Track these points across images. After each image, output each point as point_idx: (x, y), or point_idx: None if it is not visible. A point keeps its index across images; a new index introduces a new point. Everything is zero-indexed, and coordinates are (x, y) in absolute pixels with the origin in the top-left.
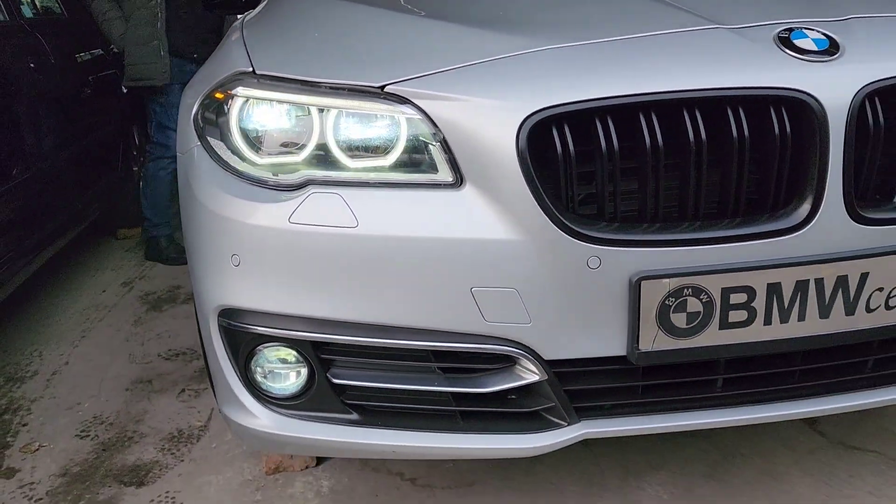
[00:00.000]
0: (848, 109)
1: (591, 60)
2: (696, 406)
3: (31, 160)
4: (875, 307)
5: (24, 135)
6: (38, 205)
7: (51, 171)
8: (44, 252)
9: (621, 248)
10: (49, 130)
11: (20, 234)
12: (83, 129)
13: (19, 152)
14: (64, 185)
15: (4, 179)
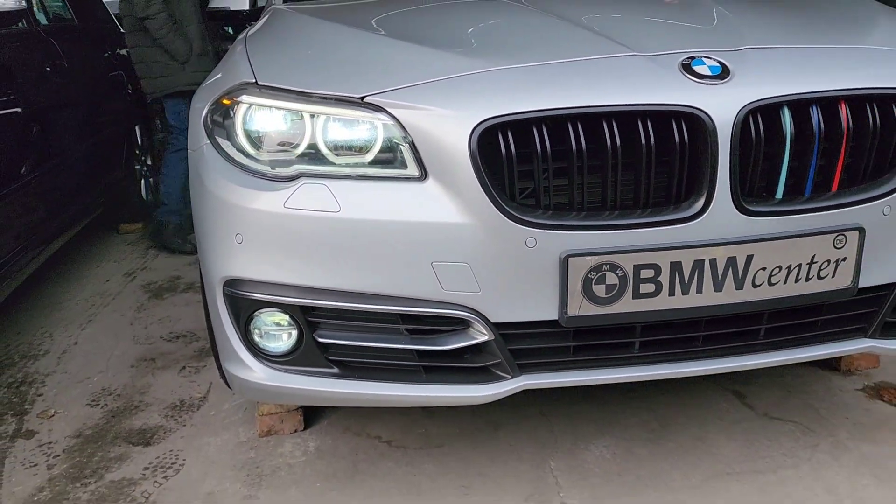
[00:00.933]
0: (732, 124)
1: (530, 79)
2: (617, 364)
3: (43, 158)
4: (760, 283)
5: (39, 134)
6: (47, 200)
7: (60, 168)
8: (52, 244)
9: (553, 231)
10: (60, 130)
11: (31, 227)
12: (90, 129)
13: (33, 151)
14: (71, 181)
15: (17, 177)
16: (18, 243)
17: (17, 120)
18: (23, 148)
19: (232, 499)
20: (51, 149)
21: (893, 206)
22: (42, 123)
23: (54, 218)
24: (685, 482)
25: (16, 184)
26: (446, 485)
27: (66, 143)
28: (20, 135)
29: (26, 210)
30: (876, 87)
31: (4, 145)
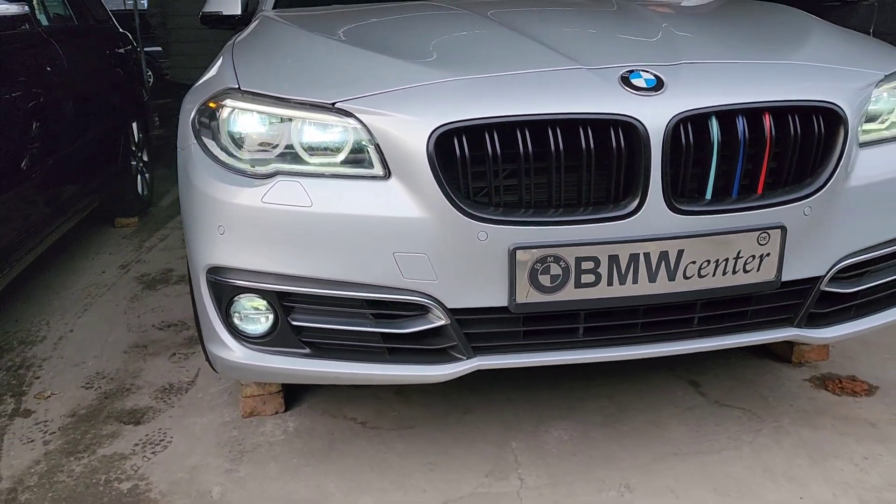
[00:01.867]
0: (663, 131)
1: (483, 89)
2: (563, 347)
3: (43, 154)
4: (690, 275)
5: (39, 130)
6: (46, 194)
7: (58, 163)
8: (50, 236)
9: (502, 226)
10: (59, 128)
11: (30, 219)
12: (88, 126)
13: (34, 147)
14: (70, 176)
15: (18, 173)
16: (18, 234)
17: (18, 117)
18: (24, 144)
19: (215, 472)
20: (50, 145)
21: (814, 207)
22: (42, 120)
23: (53, 211)
24: (634, 462)
25: (17, 178)
26: (414, 462)
27: (65, 139)
28: (21, 131)
29: (26, 203)
30: (797, 99)
31: (6, 141)
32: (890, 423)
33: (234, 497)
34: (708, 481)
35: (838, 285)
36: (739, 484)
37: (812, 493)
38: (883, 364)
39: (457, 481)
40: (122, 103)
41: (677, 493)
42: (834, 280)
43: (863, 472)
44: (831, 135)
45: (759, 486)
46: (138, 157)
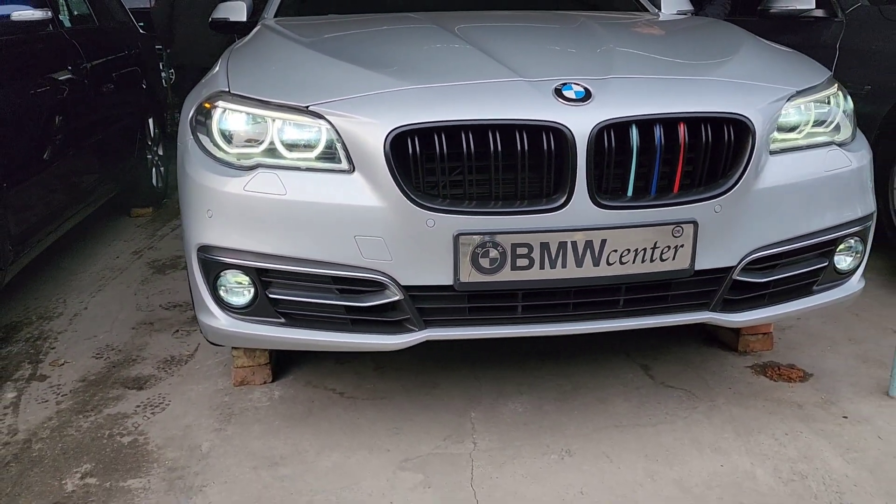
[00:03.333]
0: (587, 137)
1: (435, 96)
2: (504, 322)
3: (62, 147)
4: (613, 262)
5: (58, 126)
6: (66, 183)
7: (79, 156)
8: (68, 221)
9: (448, 215)
10: (80, 122)
11: (51, 205)
12: (107, 121)
13: (53, 140)
14: (88, 167)
15: (41, 163)
16: (39, 219)
17: (42, 111)
18: (47, 136)
19: (205, 430)
20: (71, 137)
21: (724, 205)
22: (64, 114)
23: (71, 198)
24: (578, 431)
25: (40, 167)
26: (382, 426)
27: (85, 133)
28: (45, 123)
29: (47, 191)
30: (709, 111)
31: (31, 133)
32: (816, 406)
33: (220, 451)
34: (641, 449)
35: (751, 275)
36: (668, 452)
37: (732, 461)
38: (822, 354)
39: (417, 443)
40: (139, 100)
41: (612, 458)
42: (746, 270)
43: (781, 445)
44: (741, 143)
45: (686, 454)
46: (154, 151)
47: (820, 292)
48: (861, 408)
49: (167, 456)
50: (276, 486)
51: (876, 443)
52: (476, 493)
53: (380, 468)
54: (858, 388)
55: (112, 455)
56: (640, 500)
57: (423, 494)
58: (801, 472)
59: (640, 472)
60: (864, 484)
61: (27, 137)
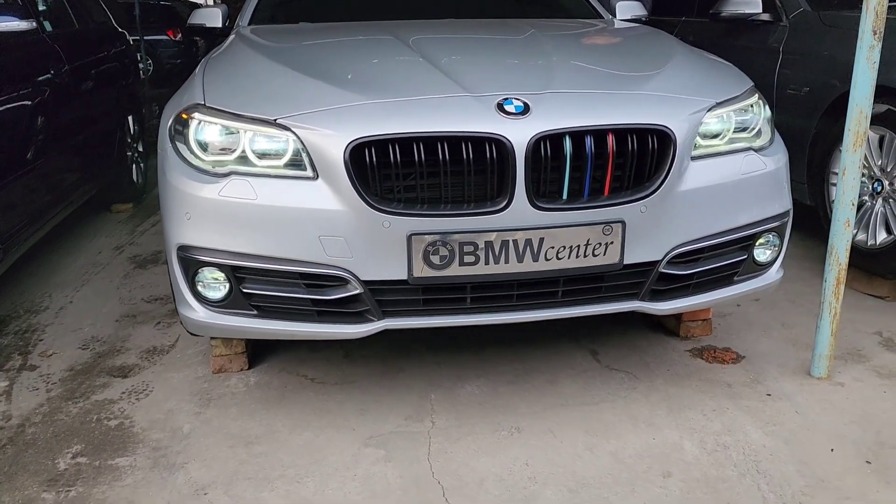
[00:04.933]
0: (525, 147)
1: (390, 111)
2: (455, 312)
3: (45, 147)
4: (550, 258)
5: (41, 127)
6: (50, 181)
7: (60, 155)
8: (52, 219)
9: (401, 217)
10: (60, 123)
11: (35, 204)
12: (87, 121)
13: (36, 141)
14: (70, 166)
15: (25, 163)
16: (23, 217)
17: (25, 112)
18: (31, 136)
19: (186, 414)
20: (54, 137)
21: (649, 206)
22: (47, 115)
23: (55, 197)
24: (528, 410)
25: (25, 167)
26: (349, 408)
27: (67, 132)
28: (28, 125)
29: (31, 190)
30: (634, 123)
31: (15, 134)
32: (744, 385)
33: (200, 432)
34: (583, 425)
35: (676, 268)
36: (607, 427)
37: (663, 435)
38: (756, 338)
39: (381, 423)
40: (119, 98)
41: (556, 433)
42: (671, 264)
43: (708, 420)
44: (664, 150)
45: (623, 429)
46: (133, 148)
47: (741, 282)
48: (784, 386)
49: (151, 437)
50: (252, 461)
51: (793, 417)
52: (432, 466)
53: (346, 445)
54: (784, 369)
55: (100, 437)
56: (577, 471)
57: (384, 467)
58: (724, 443)
59: (580, 445)
60: (779, 453)
61: (8, 140)
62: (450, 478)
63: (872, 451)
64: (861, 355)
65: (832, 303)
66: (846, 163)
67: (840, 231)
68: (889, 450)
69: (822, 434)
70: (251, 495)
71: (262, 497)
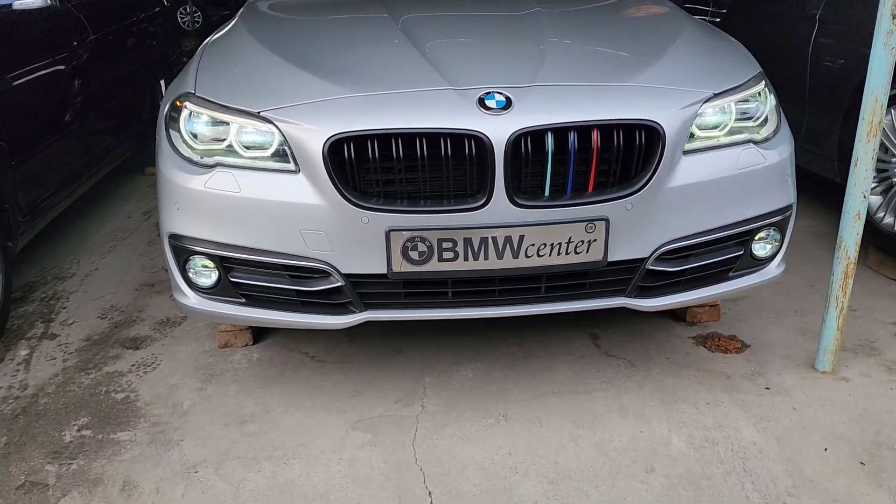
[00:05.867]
0: (504, 144)
1: (370, 106)
2: (436, 306)
3: (79, 114)
4: (531, 255)
5: (74, 94)
6: (84, 146)
7: (94, 121)
8: (85, 183)
9: (380, 213)
10: (92, 89)
11: (72, 165)
12: (118, 87)
13: (74, 104)
14: (103, 130)
15: (62, 128)
16: (52, 188)
17: (49, 87)
18: (67, 102)
19: (188, 389)
20: (88, 102)
21: (635, 204)
22: (72, 86)
23: (90, 158)
24: (518, 396)
25: (49, 141)
26: (343, 389)
27: (95, 101)
28: (53, 99)
29: (67, 153)
30: (621, 118)
31: (54, 99)
32: (743, 377)
33: (199, 409)
34: (571, 414)
35: (665, 265)
36: (595, 418)
37: (652, 428)
38: (766, 326)
39: (372, 405)
40: (149, 63)
41: (543, 422)
42: (660, 260)
43: (701, 414)
44: (652, 146)
45: (611, 420)
46: None
47: (737, 277)
48: (785, 380)
49: (153, 412)
50: (243, 441)
51: (789, 413)
52: (416, 452)
53: (335, 427)
54: (789, 361)
55: (107, 410)
56: (560, 462)
57: (369, 452)
58: (714, 439)
59: (565, 435)
60: (768, 451)
61: (34, 113)
62: (432, 465)
63: (868, 451)
64: (874, 347)
65: (839, 297)
66: (858, 153)
67: (850, 224)
68: (886, 451)
69: (818, 432)
70: (239, 475)
71: (248, 477)
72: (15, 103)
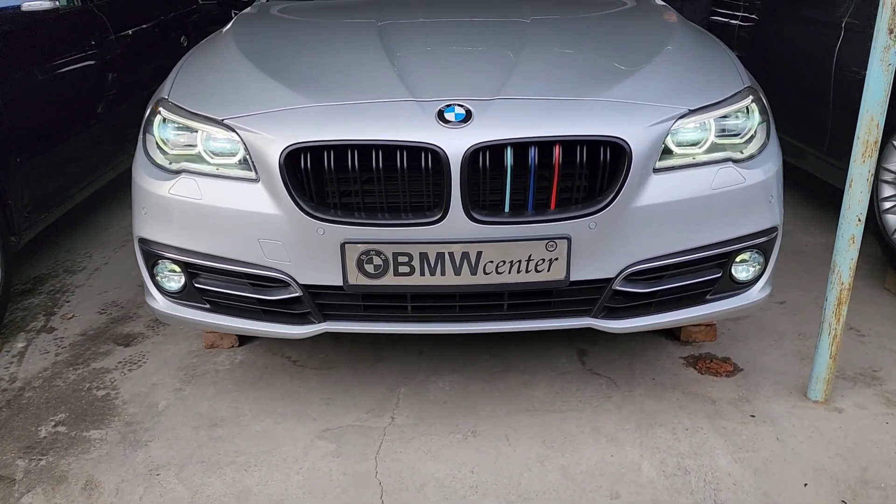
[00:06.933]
0: (461, 158)
1: (328, 117)
2: (395, 320)
3: (91, 112)
4: (489, 272)
5: (87, 93)
6: (95, 144)
7: (107, 118)
8: (99, 179)
9: (335, 225)
10: (108, 88)
11: (78, 166)
12: (138, 85)
13: (83, 107)
14: (122, 126)
15: (72, 126)
16: (67, 179)
17: (74, 76)
18: (78, 100)
19: (167, 389)
20: (103, 101)
21: (599, 222)
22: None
23: (101, 158)
24: (491, 412)
25: (71, 129)
26: (317, 396)
27: (118, 95)
28: (76, 89)
29: (76, 151)
30: (584, 134)
31: (64, 97)
32: (729, 403)
33: (173, 410)
34: (541, 434)
35: (634, 286)
36: (566, 438)
37: (623, 452)
38: (764, 349)
39: (343, 414)
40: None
41: (511, 440)
42: (629, 281)
43: (677, 440)
44: (619, 163)
45: (582, 442)
46: None
47: (715, 301)
48: (773, 408)
49: (129, 411)
50: (209, 445)
51: (772, 444)
52: (377, 465)
53: (301, 436)
54: (781, 388)
55: (85, 407)
56: (523, 483)
57: (330, 462)
58: (686, 467)
59: (532, 456)
60: (743, 483)
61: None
62: (392, 479)
63: (852, 489)
64: (875, 377)
65: (832, 324)
66: (853, 174)
67: (844, 248)
68: (872, 489)
69: (799, 466)
70: (199, 480)
71: (208, 482)
72: (22, 102)
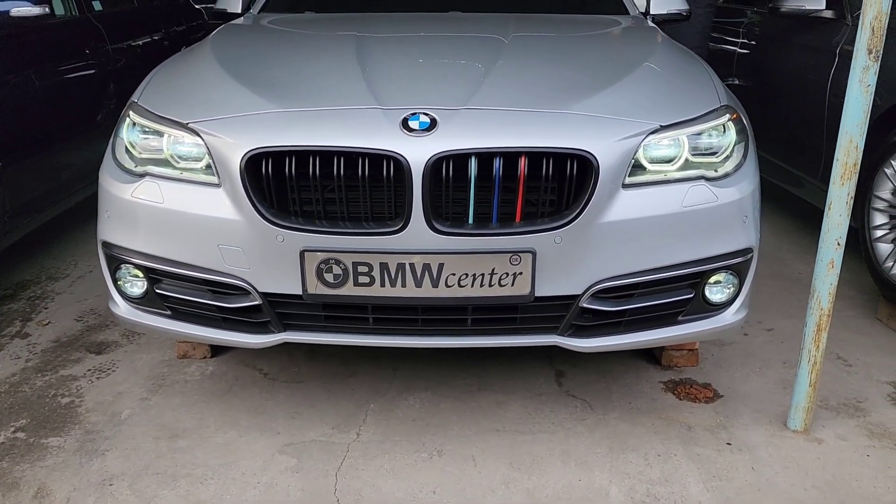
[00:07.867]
0: (423, 167)
1: (290, 122)
2: (357, 332)
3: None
4: (451, 284)
5: (77, 102)
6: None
7: (104, 126)
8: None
9: (295, 232)
10: (101, 98)
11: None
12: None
13: (72, 115)
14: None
15: (75, 130)
16: (52, 186)
17: (66, 84)
18: (68, 109)
19: (132, 398)
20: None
21: (565, 237)
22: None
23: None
24: (459, 432)
25: (58, 136)
26: (284, 410)
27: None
28: (66, 97)
29: (63, 158)
30: (548, 146)
31: (52, 105)
32: (705, 430)
33: (136, 419)
34: (509, 455)
35: (602, 304)
36: (534, 461)
37: (592, 477)
38: (746, 376)
39: (307, 429)
40: None
41: (477, 461)
42: (597, 299)
43: (648, 466)
44: (586, 177)
45: (550, 465)
46: None
47: (686, 322)
48: (751, 436)
49: (90, 419)
50: (167, 456)
51: (746, 473)
52: (337, 482)
53: (262, 449)
54: (760, 416)
55: (47, 414)
56: None
57: (289, 477)
58: (656, 494)
59: (498, 478)
60: None
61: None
62: (350, 497)
63: None
64: (859, 408)
65: (811, 351)
66: (832, 197)
67: (823, 273)
68: None
69: (774, 497)
70: (152, 492)
71: (161, 494)
72: (6, 106)
